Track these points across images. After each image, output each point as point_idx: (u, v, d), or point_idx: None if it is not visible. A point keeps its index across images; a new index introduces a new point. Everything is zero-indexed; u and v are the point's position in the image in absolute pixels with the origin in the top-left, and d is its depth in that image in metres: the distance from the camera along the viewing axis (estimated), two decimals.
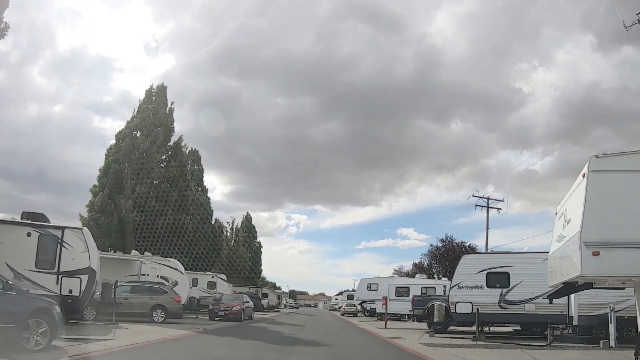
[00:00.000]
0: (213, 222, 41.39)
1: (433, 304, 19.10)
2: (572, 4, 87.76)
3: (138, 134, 32.33)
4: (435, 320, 18.05)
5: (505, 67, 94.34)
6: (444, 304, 18.25)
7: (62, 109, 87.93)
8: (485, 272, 16.78)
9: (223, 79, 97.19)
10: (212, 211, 41.51)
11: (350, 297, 69.81)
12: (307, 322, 30.23)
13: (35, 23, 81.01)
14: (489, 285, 16.73)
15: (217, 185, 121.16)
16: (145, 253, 26.42)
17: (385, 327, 23.85)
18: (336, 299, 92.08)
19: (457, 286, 16.82)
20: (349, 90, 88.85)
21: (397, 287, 35.07)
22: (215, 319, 23.93)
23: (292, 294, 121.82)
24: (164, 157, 31.20)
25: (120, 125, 70.32)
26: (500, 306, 16.63)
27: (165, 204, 28.68)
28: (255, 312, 39.91)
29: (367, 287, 36.24)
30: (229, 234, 59.09)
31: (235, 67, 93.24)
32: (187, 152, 43.28)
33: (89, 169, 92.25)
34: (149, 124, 32.86)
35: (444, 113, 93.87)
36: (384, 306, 25.21)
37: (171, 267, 25.43)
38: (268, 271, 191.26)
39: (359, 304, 38.78)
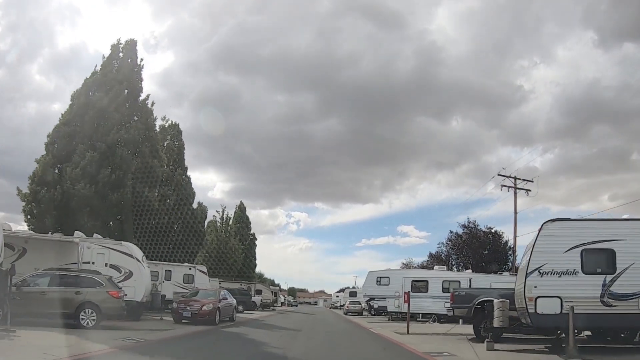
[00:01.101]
0: (195, 206, 35.27)
1: (490, 302, 12.95)
2: (573, 0, 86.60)
3: (96, 92, 26.08)
4: (497, 324, 11.88)
5: (506, 64, 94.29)
6: (506, 300, 12.10)
7: (61, 107, 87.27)
8: (580, 249, 10.67)
9: (223, 76, 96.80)
10: (194, 193, 35.42)
11: (352, 294, 64.45)
12: (304, 323, 24.16)
13: (34, 21, 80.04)
14: (587, 269, 10.62)
15: (217, 183, 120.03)
16: (95, 235, 20.28)
17: (408, 332, 17.73)
18: (337, 296, 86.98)
19: (537, 271, 10.63)
20: (349, 87, 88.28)
21: (413, 281, 29.03)
22: (183, 321, 17.91)
23: (292, 292, 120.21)
24: (126, 118, 24.87)
25: None
26: (603, 302, 10.53)
27: (123, 175, 22.45)
28: (246, 311, 33.95)
29: (377, 281, 30.27)
30: (218, 224, 52.95)
31: (234, 64, 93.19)
32: (166, 125, 37.33)
33: None
34: (109, 80, 26.62)
35: (444, 110, 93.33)
36: (406, 303, 19.04)
37: (124, 253, 19.30)
38: (268, 269, 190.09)
39: (367, 301, 32.88)
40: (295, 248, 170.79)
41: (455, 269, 35.61)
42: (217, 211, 53.40)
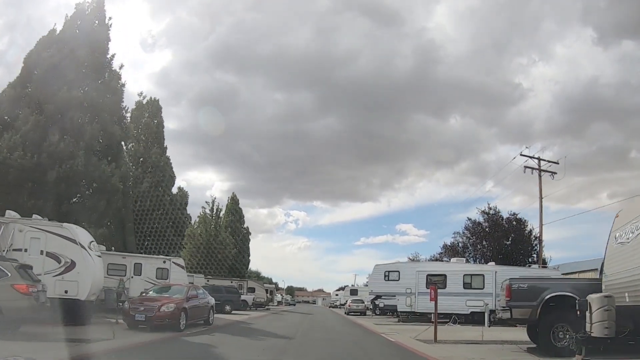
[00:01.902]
0: (175, 191, 30.91)
1: (564, 297, 8.60)
2: None
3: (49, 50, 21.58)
4: (599, 332, 7.44)
5: (504, 62, 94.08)
6: (612, 296, 7.69)
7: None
8: None
9: (221, 74, 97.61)
10: (174, 176, 31.05)
11: (353, 293, 60.49)
12: (299, 327, 19.78)
13: (31, 20, 77.26)
14: None
15: (215, 182, 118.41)
16: (34, 217, 15.86)
17: (436, 341, 13.38)
18: (337, 295, 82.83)
19: None
20: (347, 85, 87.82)
21: (428, 276, 24.73)
22: (140, 326, 13.52)
23: (290, 290, 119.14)
24: (83, 77, 20.43)
25: None
26: None
27: (74, 143, 18.04)
28: (234, 312, 29.57)
29: (384, 276, 25.94)
30: (208, 216, 48.48)
31: (233, 63, 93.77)
32: (144, 101, 33.01)
33: None
34: (67, 37, 22.15)
35: (443, 108, 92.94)
36: (433, 301, 14.73)
37: (66, 238, 14.88)
38: (267, 268, 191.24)
39: (372, 299, 28.64)
40: (294, 247, 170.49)
41: (472, 262, 31.24)
42: (206, 202, 48.91)
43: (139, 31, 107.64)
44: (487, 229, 28.56)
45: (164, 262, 24.28)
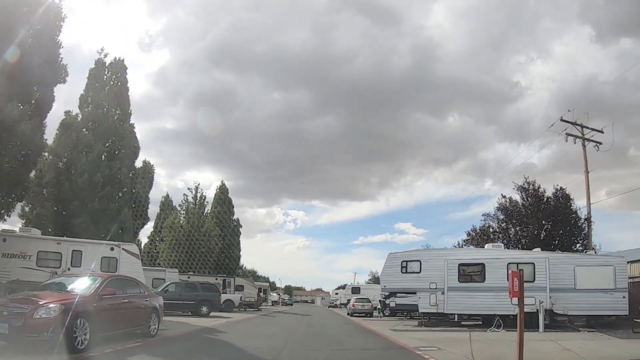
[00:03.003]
0: (139, 164, 25.03)
1: None
2: None
3: None
4: None
5: (502, 60, 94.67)
6: None
7: (56, 107, 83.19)
8: None
9: (218, 74, 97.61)
10: (138, 147, 25.14)
11: (355, 291, 54.75)
12: (290, 336, 13.94)
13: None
14: None
15: (213, 182, 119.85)
16: None
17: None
18: (336, 294, 77.07)
19: None
20: (345, 84, 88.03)
21: (461, 266, 18.95)
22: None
23: (288, 290, 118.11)
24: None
25: None
26: None
27: None
28: (212, 314, 23.78)
29: (401, 267, 20.12)
30: (190, 204, 42.61)
31: (230, 62, 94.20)
32: (107, 62, 27.13)
33: None
34: None
35: (441, 106, 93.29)
36: (515, 297, 8.73)
37: None
38: (265, 267, 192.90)
39: (384, 297, 22.93)
40: (293, 247, 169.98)
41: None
42: (189, 189, 43.01)
43: (137, 31, 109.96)
44: (530, 208, 22.75)
45: (112, 249, 18.50)
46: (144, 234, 58.60)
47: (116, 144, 23.25)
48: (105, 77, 26.24)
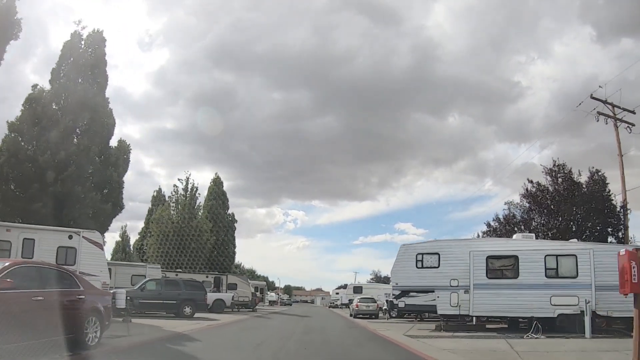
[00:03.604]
0: (115, 144, 21.93)
1: None
2: None
3: None
4: None
5: (503, 60, 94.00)
6: None
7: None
8: None
9: (218, 73, 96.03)
10: (113, 125, 22.04)
11: (357, 290, 51.75)
12: (282, 346, 10.77)
13: (27, 19, 72.26)
14: None
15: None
16: None
17: None
18: (337, 293, 74.04)
19: None
20: (345, 84, 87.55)
21: (489, 259, 15.85)
22: None
23: (287, 290, 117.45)
24: None
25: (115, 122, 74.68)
26: None
27: None
28: (196, 316, 20.77)
29: (417, 261, 17.01)
30: (181, 196, 39.45)
31: (230, 62, 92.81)
32: (83, 34, 24.14)
33: None
34: None
35: (441, 106, 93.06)
36: (633, 293, 5.42)
37: None
38: (264, 267, 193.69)
39: (395, 297, 19.87)
40: (293, 247, 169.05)
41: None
42: (179, 179, 39.86)
43: (137, 30, 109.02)
44: (563, 193, 19.61)
45: (70, 237, 15.37)
46: (135, 231, 55.65)
47: (86, 119, 20.15)
48: (81, 49, 23.21)
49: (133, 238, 49.07)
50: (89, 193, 18.58)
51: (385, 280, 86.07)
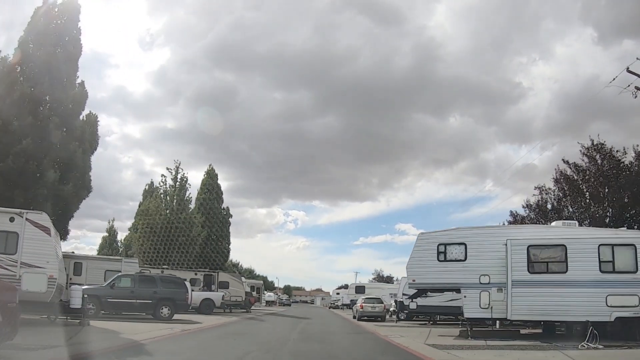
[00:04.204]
0: (82, 117, 18.89)
1: None
2: None
3: None
4: None
5: (504, 61, 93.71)
6: None
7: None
8: None
9: (219, 73, 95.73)
10: (84, 97, 19.00)
11: (360, 290, 48.95)
12: None
13: (28, 19, 72.87)
14: None
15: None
16: None
17: None
18: (338, 294, 71.22)
19: None
20: (346, 84, 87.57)
21: (532, 249, 12.77)
22: None
23: (287, 290, 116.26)
24: None
25: (115, 121, 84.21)
26: None
27: None
28: (175, 317, 17.77)
29: (438, 254, 13.91)
30: (170, 187, 36.39)
31: (231, 61, 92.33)
32: (57, 2, 21.17)
33: None
34: None
35: (442, 107, 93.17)
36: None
37: None
38: (264, 267, 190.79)
39: (409, 296, 16.90)
40: (293, 247, 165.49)
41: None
42: (167, 169, 36.78)
43: (137, 30, 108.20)
44: (607, 175, 16.57)
45: (12, 219, 12.33)
46: (124, 226, 52.41)
47: (49, 88, 17.14)
48: (52, 16, 20.31)
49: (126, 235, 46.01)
50: (46, 171, 15.51)
51: (388, 280, 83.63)
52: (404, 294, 22.62)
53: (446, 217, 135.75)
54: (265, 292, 59.05)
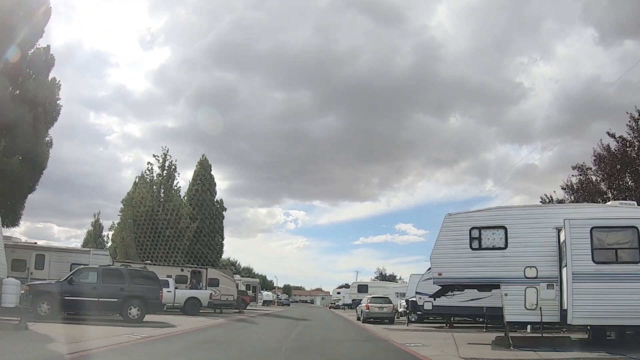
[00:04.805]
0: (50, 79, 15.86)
1: None
2: None
3: None
4: None
5: (505, 61, 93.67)
6: None
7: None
8: None
9: (219, 72, 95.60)
10: (51, 59, 15.95)
11: (363, 289, 46.11)
12: None
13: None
14: None
15: (214, 181, 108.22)
16: None
17: None
18: (338, 293, 68.31)
19: None
20: (347, 83, 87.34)
21: (595, 231, 9.71)
22: None
23: (287, 289, 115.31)
24: None
25: (115, 121, 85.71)
26: None
27: None
28: (146, 319, 14.79)
29: (471, 240, 10.90)
30: (157, 176, 33.40)
31: (232, 61, 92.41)
32: None
33: (85, 166, 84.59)
34: None
35: (443, 107, 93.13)
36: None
37: None
38: (265, 267, 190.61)
39: (431, 295, 13.86)
40: (293, 247, 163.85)
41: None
42: (154, 156, 33.77)
43: (138, 29, 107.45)
44: None
45: None
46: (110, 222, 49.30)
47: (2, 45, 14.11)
48: None
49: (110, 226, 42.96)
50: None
51: (391, 278, 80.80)
52: (417, 292, 19.68)
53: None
54: (262, 291, 56.00)
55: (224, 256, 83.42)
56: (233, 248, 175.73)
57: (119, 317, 15.13)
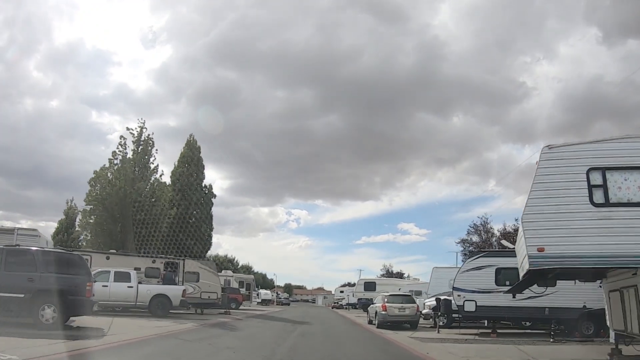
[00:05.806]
0: None
1: None
2: None
3: None
4: None
5: (508, 60, 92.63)
6: None
7: (58, 104, 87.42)
8: None
9: (221, 71, 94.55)
10: None
11: (369, 287, 41.63)
12: None
13: (31, 16, 79.34)
14: None
15: (216, 180, 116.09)
16: None
17: None
18: (341, 292, 63.96)
19: None
20: (349, 82, 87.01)
21: None
22: None
23: (288, 289, 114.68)
24: None
25: (117, 119, 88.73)
26: None
27: None
28: (70, 323, 9.66)
29: (590, 189, 6.18)
30: (130, 152, 28.44)
31: (234, 59, 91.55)
32: None
33: (87, 165, 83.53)
34: None
35: (445, 106, 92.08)
36: None
37: None
38: (266, 266, 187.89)
39: (515, 288, 9.15)
40: (295, 246, 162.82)
41: None
42: (128, 129, 28.85)
43: (139, 27, 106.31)
44: None
45: None
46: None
47: None
48: None
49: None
50: None
51: (399, 276, 76.21)
52: (455, 288, 14.80)
53: (448, 217, 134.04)
54: (257, 289, 51.11)
55: (222, 253, 79.59)
56: (233, 247, 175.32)
57: (29, 320, 10.35)
